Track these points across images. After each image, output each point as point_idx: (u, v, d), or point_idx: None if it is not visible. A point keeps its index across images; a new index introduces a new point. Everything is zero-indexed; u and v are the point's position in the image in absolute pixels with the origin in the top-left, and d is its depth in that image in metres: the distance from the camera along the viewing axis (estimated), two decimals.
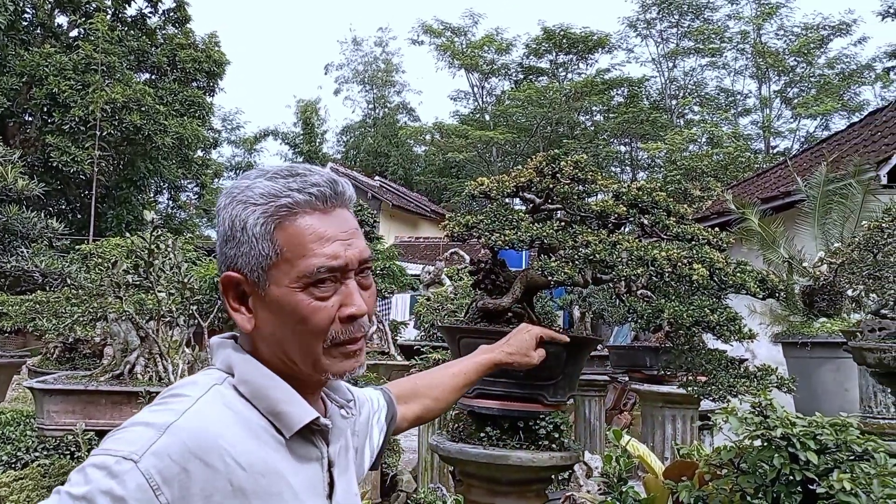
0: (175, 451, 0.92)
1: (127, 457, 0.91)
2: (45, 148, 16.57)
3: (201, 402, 0.99)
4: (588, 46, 28.18)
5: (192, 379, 1.06)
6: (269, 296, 1.03)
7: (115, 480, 0.89)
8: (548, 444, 2.66)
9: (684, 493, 2.34)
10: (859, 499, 1.83)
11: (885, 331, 3.58)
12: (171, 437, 0.93)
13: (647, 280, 2.42)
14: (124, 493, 0.89)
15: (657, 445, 5.23)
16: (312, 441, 1.07)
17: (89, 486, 0.90)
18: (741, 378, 2.35)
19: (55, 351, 6.49)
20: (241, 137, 35.16)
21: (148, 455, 0.91)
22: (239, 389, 1.04)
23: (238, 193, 1.05)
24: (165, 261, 3.33)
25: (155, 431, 0.94)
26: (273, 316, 1.04)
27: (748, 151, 21.93)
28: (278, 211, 1.02)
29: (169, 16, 20.58)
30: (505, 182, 2.73)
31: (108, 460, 0.92)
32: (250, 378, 1.04)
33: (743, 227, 7.50)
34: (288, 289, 1.02)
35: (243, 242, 1.03)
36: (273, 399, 1.03)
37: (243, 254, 1.03)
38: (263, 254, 1.02)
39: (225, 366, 1.07)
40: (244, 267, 1.04)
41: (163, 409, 0.98)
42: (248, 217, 1.03)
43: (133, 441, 0.93)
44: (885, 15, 22.91)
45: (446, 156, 28.43)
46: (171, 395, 1.02)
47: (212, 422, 0.97)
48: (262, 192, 1.03)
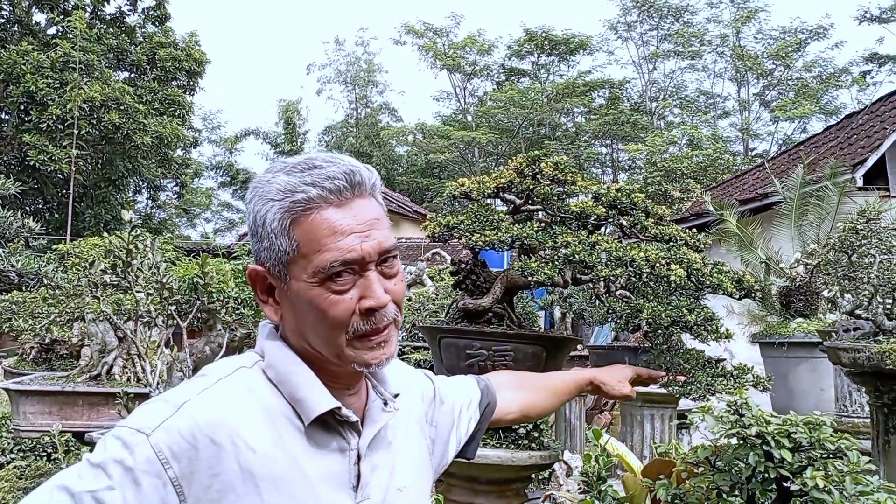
0: (185, 427, 0.96)
1: (140, 430, 0.96)
2: (22, 146, 16.36)
3: (221, 383, 1.04)
4: (569, 48, 28.30)
5: (226, 360, 1.11)
6: (290, 290, 1.06)
7: (127, 451, 0.94)
8: (527, 444, 2.67)
9: (662, 491, 2.37)
10: (832, 496, 1.86)
11: (860, 331, 3.63)
12: (185, 414, 0.97)
13: (625, 280, 2.44)
14: (133, 465, 0.93)
15: (636, 444, 5.27)
16: (339, 431, 1.08)
17: (105, 455, 0.95)
18: (719, 377, 2.38)
19: (32, 351, 6.41)
20: (221, 137, 34.93)
21: (159, 430, 0.95)
22: (266, 373, 1.08)
23: (260, 188, 1.07)
24: (144, 261, 3.31)
25: (171, 408, 0.98)
26: (295, 309, 1.07)
27: (727, 153, 22.15)
28: (294, 206, 1.03)
29: (148, 14, 20.39)
30: (486, 183, 2.74)
31: (125, 432, 0.96)
32: (276, 363, 1.08)
33: (721, 229, 7.56)
34: (306, 283, 1.04)
35: (264, 237, 1.06)
36: (294, 384, 1.06)
37: (265, 248, 1.07)
38: (282, 249, 1.05)
39: (259, 349, 1.12)
40: (267, 261, 1.07)
41: (184, 388, 1.03)
42: (266, 212, 1.05)
43: (150, 415, 0.98)
44: (862, 19, 23.26)
45: (428, 156, 28.43)
46: (199, 375, 1.07)
47: (226, 403, 1.01)
48: (279, 187, 1.05)
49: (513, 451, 2.62)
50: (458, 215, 2.64)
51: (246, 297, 3.78)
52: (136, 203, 21.89)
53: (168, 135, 17.93)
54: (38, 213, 17.74)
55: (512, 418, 1.56)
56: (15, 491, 4.32)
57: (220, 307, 3.76)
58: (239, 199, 34.25)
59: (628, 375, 1.86)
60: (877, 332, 3.33)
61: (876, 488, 1.92)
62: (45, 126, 16.15)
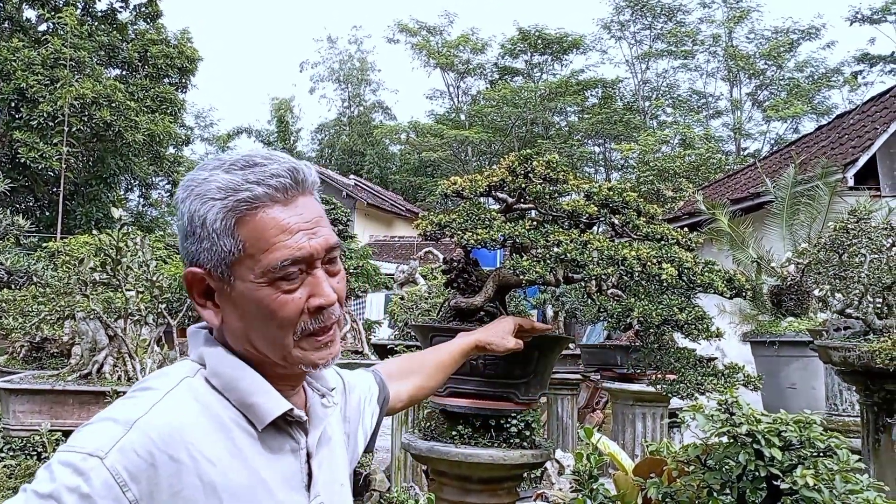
0: (141, 446, 0.92)
1: (93, 453, 0.90)
2: (13, 144, 16.26)
3: (170, 397, 0.98)
4: (563, 47, 28.34)
5: (165, 371, 1.05)
6: (235, 291, 1.01)
7: (81, 478, 0.88)
8: (519, 443, 2.67)
9: (653, 489, 2.37)
10: (822, 494, 1.87)
11: (850, 330, 3.65)
12: (138, 432, 0.92)
13: (617, 279, 2.44)
14: (90, 491, 0.88)
15: (628, 443, 5.28)
16: (289, 432, 1.06)
17: (55, 484, 0.88)
18: (709, 376, 2.38)
19: (22, 350, 6.38)
20: (214, 135, 34.85)
21: (114, 451, 0.90)
22: (211, 382, 1.03)
23: (195, 187, 1.02)
24: (134, 259, 3.29)
25: (122, 427, 0.93)
26: (240, 311, 1.02)
27: (719, 153, 22.23)
28: (238, 205, 0.99)
29: (140, 11, 20.31)
30: (478, 181, 2.73)
31: (74, 457, 0.90)
32: (221, 370, 1.03)
33: (713, 228, 7.60)
34: (253, 283, 1.00)
35: (204, 238, 1.01)
36: (243, 391, 1.02)
37: (205, 249, 1.01)
38: (225, 250, 1.00)
39: (198, 357, 1.06)
40: (207, 263, 1.02)
41: (131, 404, 0.97)
42: (206, 212, 1.00)
43: (99, 437, 0.92)
44: (853, 20, 23.37)
45: (421, 155, 28.43)
46: (140, 389, 1.01)
47: (180, 416, 0.96)
48: (219, 185, 1.00)
49: (504, 449, 2.62)
50: (450, 214, 2.64)
51: None
52: (127, 201, 21.81)
53: (160, 132, 17.87)
54: (28, 210, 17.63)
55: (401, 406, 1.56)
56: (4, 490, 4.30)
57: None
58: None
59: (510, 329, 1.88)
60: (867, 330, 3.35)
61: (865, 486, 1.93)
62: (36, 123, 16.06)
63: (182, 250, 1.05)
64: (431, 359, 1.66)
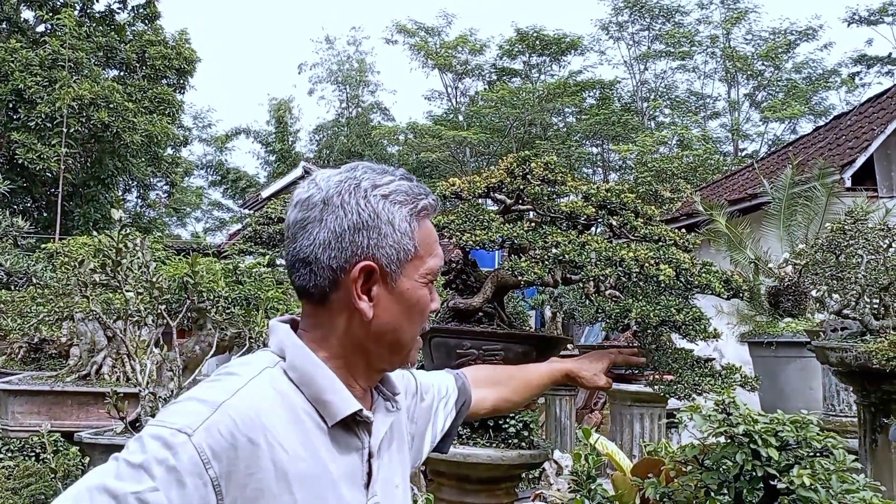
0: (225, 427, 0.97)
1: (181, 430, 0.96)
2: (11, 145, 16.23)
3: (252, 383, 1.04)
4: (561, 48, 28.33)
5: (247, 360, 1.11)
6: (399, 287, 1.11)
7: (170, 451, 0.94)
8: (517, 443, 2.68)
9: (651, 489, 2.38)
10: (818, 494, 1.88)
11: (847, 330, 3.66)
12: (223, 414, 0.98)
13: (615, 280, 2.46)
14: (177, 464, 0.94)
15: (626, 443, 5.29)
16: (355, 431, 1.11)
17: (146, 455, 0.94)
18: (706, 377, 2.39)
19: (20, 351, 6.38)
20: (212, 135, 34.77)
21: (201, 430, 0.96)
22: (288, 374, 1.09)
23: (381, 188, 1.10)
24: (134, 260, 3.30)
25: (208, 408, 0.99)
26: (398, 306, 1.12)
27: (717, 154, 22.26)
28: (420, 212, 1.12)
29: (138, 12, 20.28)
30: (476, 183, 2.74)
31: (164, 432, 0.96)
32: (300, 364, 1.09)
33: (711, 229, 7.59)
34: (417, 282, 1.13)
35: (387, 235, 1.09)
36: (319, 387, 1.08)
37: (386, 245, 1.09)
38: (406, 249, 1.10)
39: (278, 349, 1.12)
40: (383, 258, 1.10)
41: (217, 387, 1.04)
42: (396, 212, 1.10)
43: (188, 415, 0.98)
44: (850, 21, 23.41)
45: (419, 156, 28.40)
46: (225, 374, 1.07)
47: (260, 403, 1.02)
48: (405, 190, 1.12)
49: (503, 450, 2.63)
50: (448, 215, 2.65)
51: (236, 297, 3.77)
52: (125, 202, 21.79)
53: (158, 133, 17.83)
54: (26, 211, 17.61)
55: (484, 413, 1.63)
56: (3, 491, 4.30)
57: (211, 306, 3.76)
58: (229, 199, 34.12)
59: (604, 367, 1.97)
60: (864, 331, 3.36)
61: (861, 486, 1.94)
62: (34, 124, 16.02)
63: (343, 242, 1.09)
64: (521, 376, 1.73)
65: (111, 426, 3.86)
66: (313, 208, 1.09)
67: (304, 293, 1.13)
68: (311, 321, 1.14)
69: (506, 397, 1.65)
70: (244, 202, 21.79)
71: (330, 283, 1.09)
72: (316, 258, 1.09)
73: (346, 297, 1.10)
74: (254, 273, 4.17)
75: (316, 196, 1.10)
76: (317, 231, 1.09)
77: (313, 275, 1.10)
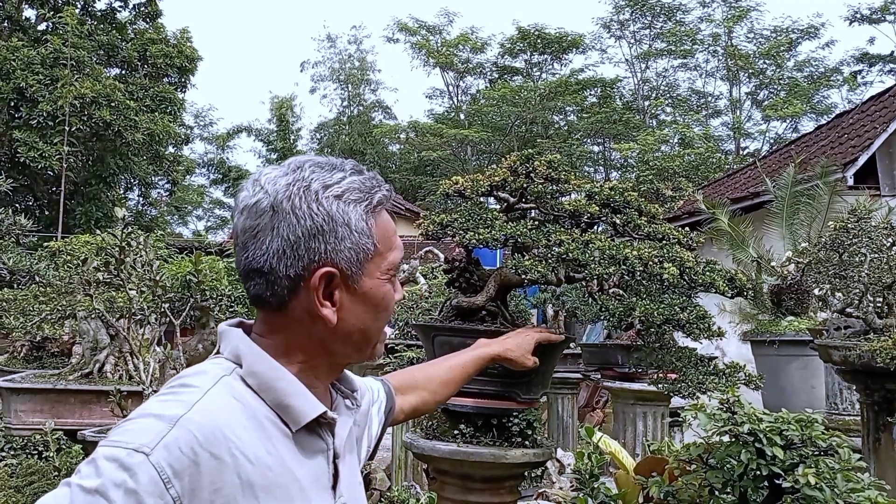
0: (185, 443, 0.92)
1: (138, 449, 0.91)
2: (12, 143, 16.24)
3: (210, 394, 0.99)
4: (562, 47, 28.31)
5: (202, 368, 1.06)
6: (361, 288, 1.07)
7: (127, 473, 0.89)
8: (520, 441, 2.68)
9: (654, 488, 2.38)
10: (823, 493, 1.88)
11: (850, 329, 3.65)
12: (181, 429, 0.93)
13: (618, 278, 2.45)
14: (136, 486, 0.89)
15: (629, 442, 5.29)
16: (319, 434, 1.08)
17: (101, 479, 0.89)
18: (710, 375, 2.39)
19: (23, 349, 6.38)
20: (213, 134, 34.77)
21: (159, 448, 0.91)
22: (246, 381, 1.04)
23: (332, 186, 1.05)
24: (137, 258, 3.30)
25: (165, 424, 0.94)
26: (362, 307, 1.08)
27: (719, 152, 22.26)
28: (374, 207, 1.07)
29: (139, 10, 20.29)
30: (479, 181, 2.74)
31: (119, 452, 0.91)
32: (258, 370, 1.04)
33: (713, 227, 7.60)
34: (379, 280, 1.09)
35: (345, 237, 1.04)
36: (280, 391, 1.04)
37: (344, 248, 1.05)
38: (366, 248, 1.06)
39: (233, 355, 1.07)
40: (342, 261, 1.05)
41: (172, 401, 0.98)
42: (351, 212, 1.05)
43: (143, 433, 0.93)
44: (852, 20, 23.38)
45: (421, 154, 28.41)
46: (179, 385, 1.02)
47: (221, 414, 0.98)
48: (357, 187, 1.06)
49: (506, 448, 2.63)
50: (451, 213, 2.64)
51: (239, 295, 3.77)
52: (127, 200, 21.79)
53: (159, 132, 17.84)
54: (28, 210, 17.60)
55: (402, 419, 1.58)
56: (6, 489, 4.30)
57: (214, 305, 3.76)
58: (231, 197, 34.12)
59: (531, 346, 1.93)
60: (867, 330, 3.36)
61: (867, 485, 1.93)
62: (36, 123, 16.04)
63: (299, 250, 1.03)
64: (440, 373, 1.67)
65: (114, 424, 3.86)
66: (262, 215, 1.03)
67: (260, 301, 1.07)
68: (267, 327, 1.09)
69: (424, 400, 1.60)
70: None
71: (288, 292, 1.04)
72: (271, 268, 1.03)
73: (306, 303, 1.05)
74: None
75: (264, 201, 1.03)
76: (269, 240, 1.02)
77: (270, 284, 1.04)
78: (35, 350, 6.37)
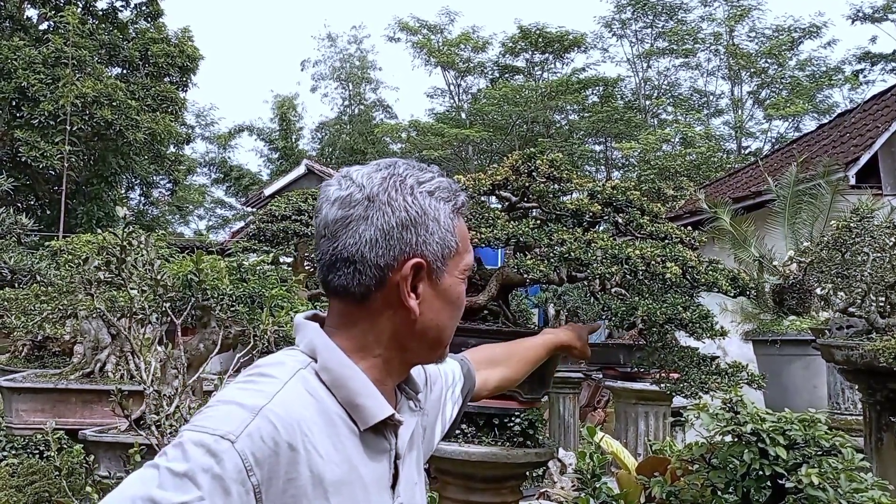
0: (266, 433, 0.95)
1: (225, 436, 0.94)
2: (14, 143, 16.24)
3: (289, 386, 1.02)
4: (564, 46, 28.26)
5: (279, 359, 1.09)
6: (442, 284, 1.11)
7: (214, 459, 0.92)
8: (522, 441, 2.67)
9: (657, 488, 2.37)
10: (827, 493, 1.87)
11: (853, 328, 3.65)
12: (263, 419, 0.96)
13: (621, 278, 2.44)
14: (222, 472, 0.91)
15: (630, 442, 5.28)
16: (384, 434, 1.10)
17: (189, 464, 0.92)
18: (713, 375, 2.38)
19: (24, 349, 6.38)
20: (215, 133, 34.75)
21: (244, 436, 0.94)
22: (320, 376, 1.06)
23: (425, 183, 1.10)
24: (138, 258, 3.29)
25: (248, 413, 0.97)
26: (441, 303, 1.12)
27: (720, 152, 22.23)
28: (459, 208, 1.13)
29: (141, 10, 20.27)
30: (481, 180, 2.73)
31: (207, 438, 0.94)
32: (332, 367, 1.07)
33: (715, 227, 7.58)
34: (456, 278, 1.13)
35: (434, 232, 1.09)
36: (352, 391, 1.06)
37: (434, 242, 1.09)
38: (450, 245, 1.10)
39: (308, 349, 1.10)
40: (430, 255, 1.09)
41: (253, 390, 1.01)
42: (441, 208, 1.10)
43: (228, 420, 0.96)
44: (854, 18, 23.34)
45: (422, 153, 28.38)
46: (258, 374, 1.05)
47: (299, 408, 1.01)
48: (445, 187, 1.12)
49: (508, 448, 2.62)
50: None
51: (241, 295, 3.76)
52: (128, 200, 21.80)
53: (161, 131, 17.83)
54: (29, 209, 17.60)
55: (486, 395, 1.62)
56: (7, 489, 4.30)
57: (215, 304, 3.75)
58: (232, 196, 34.12)
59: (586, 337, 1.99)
60: (870, 329, 3.35)
61: (870, 485, 1.93)
62: (37, 122, 16.02)
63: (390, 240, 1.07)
64: (519, 352, 1.73)
65: (115, 424, 3.86)
66: (356, 206, 1.07)
67: (342, 292, 1.09)
68: (343, 320, 1.11)
69: (507, 376, 1.66)
70: (247, 200, 21.79)
71: (376, 282, 1.07)
72: (362, 256, 1.06)
73: (390, 295, 1.08)
74: (258, 271, 4.15)
75: (357, 193, 1.07)
76: (362, 229, 1.06)
77: (358, 273, 1.07)
78: (36, 349, 6.37)
